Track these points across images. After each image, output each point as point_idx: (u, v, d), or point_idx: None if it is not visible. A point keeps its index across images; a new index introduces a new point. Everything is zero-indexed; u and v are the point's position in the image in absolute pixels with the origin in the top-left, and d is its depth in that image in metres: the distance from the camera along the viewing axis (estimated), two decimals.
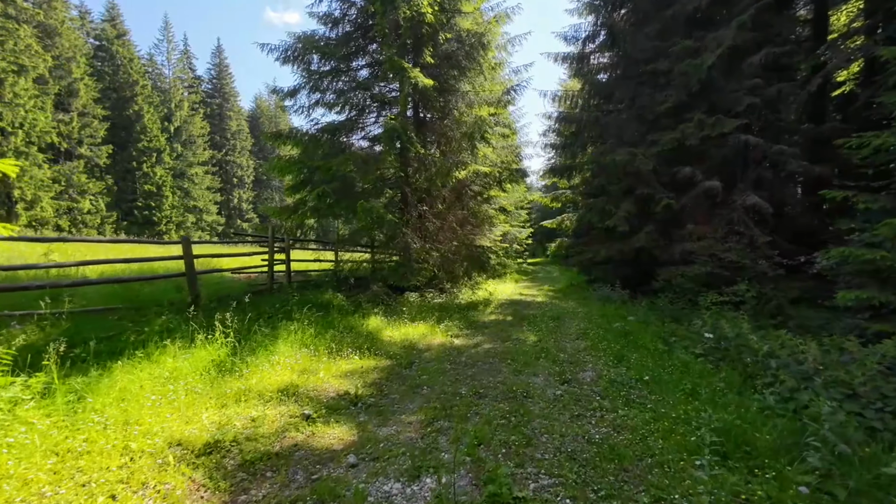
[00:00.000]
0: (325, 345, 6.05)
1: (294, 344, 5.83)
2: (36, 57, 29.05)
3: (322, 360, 5.51)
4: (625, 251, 13.18)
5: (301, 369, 5.13)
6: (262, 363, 5.08)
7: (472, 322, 8.81)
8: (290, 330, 6.18)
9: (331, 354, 5.78)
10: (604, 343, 6.83)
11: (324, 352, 5.77)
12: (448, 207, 11.91)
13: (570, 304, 11.57)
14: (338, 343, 6.20)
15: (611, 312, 9.54)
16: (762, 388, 4.35)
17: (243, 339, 5.58)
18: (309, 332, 6.36)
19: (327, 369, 5.23)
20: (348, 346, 6.12)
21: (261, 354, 5.27)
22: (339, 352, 5.88)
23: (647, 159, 12.29)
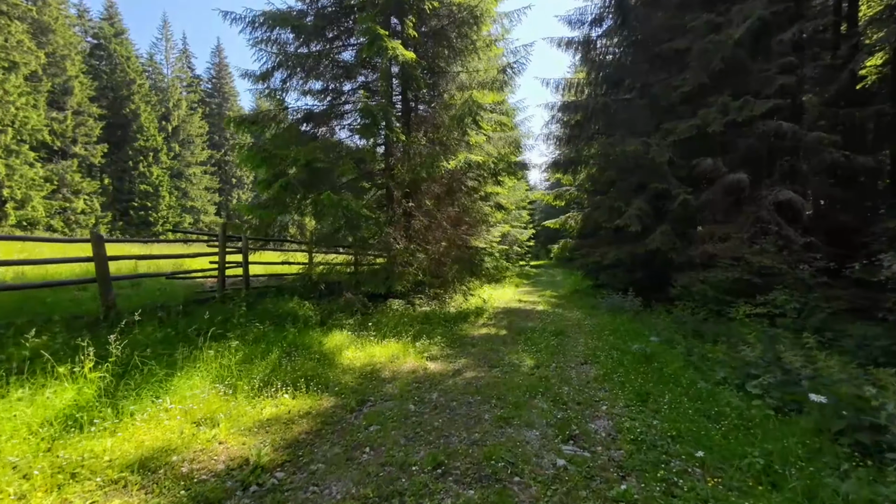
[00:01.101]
0: (255, 375, 4.50)
1: (208, 376, 4.29)
2: (28, 53, 27.91)
3: (238, 401, 3.95)
4: (636, 254, 11.53)
5: (199, 417, 3.58)
6: (146, 408, 3.54)
7: (457, 338, 7.22)
8: (208, 356, 4.63)
9: (255, 391, 4.22)
10: (620, 371, 5.21)
11: (246, 387, 4.21)
12: (438, 204, 10.35)
13: (575, 313, 9.93)
14: (273, 373, 4.65)
15: (624, 326, 7.91)
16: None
17: (133, 370, 4.04)
18: (237, 357, 4.81)
19: (236, 417, 3.67)
20: (286, 377, 4.56)
21: (148, 395, 3.73)
22: (267, 386, 4.32)
23: (662, 150, 10.65)
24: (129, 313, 5.87)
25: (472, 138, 9.06)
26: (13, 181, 26.90)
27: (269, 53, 9.97)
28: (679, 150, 11.03)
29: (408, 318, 8.33)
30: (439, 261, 9.89)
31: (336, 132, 10.49)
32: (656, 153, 10.48)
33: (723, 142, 10.72)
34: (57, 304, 6.01)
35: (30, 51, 28.07)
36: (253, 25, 9.77)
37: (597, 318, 9.11)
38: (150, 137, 34.06)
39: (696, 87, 10.81)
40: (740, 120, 9.60)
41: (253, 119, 9.05)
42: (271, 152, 8.74)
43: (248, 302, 7.43)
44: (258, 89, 10.27)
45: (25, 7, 28.52)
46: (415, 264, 9.00)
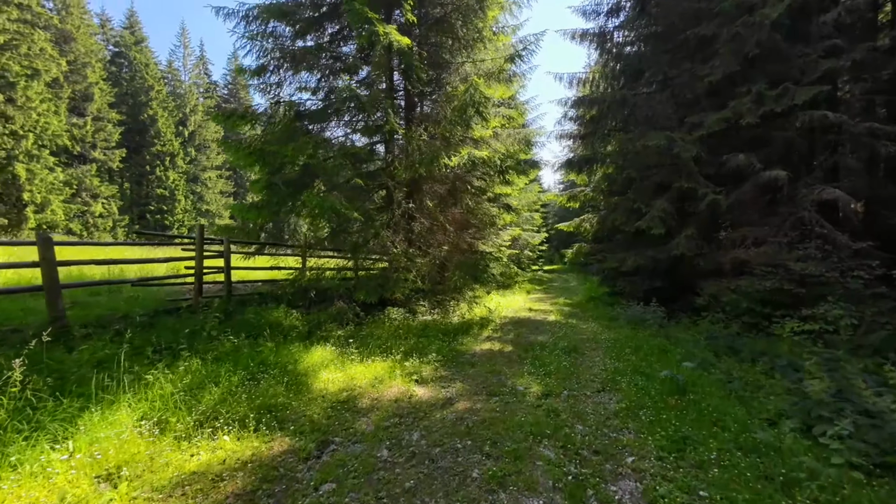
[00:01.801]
0: (202, 406, 3.67)
1: (140, 408, 3.47)
2: (50, 61, 28.22)
3: (163, 445, 3.11)
4: (658, 259, 10.42)
5: (105, 470, 2.74)
6: (37, 457, 2.72)
7: (455, 355, 6.28)
8: (150, 380, 3.81)
9: (193, 428, 3.38)
10: (646, 404, 4.20)
11: (180, 424, 3.37)
12: (441, 205, 9.45)
13: (590, 325, 8.88)
14: (224, 403, 3.80)
15: (647, 342, 6.84)
16: None
17: (42, 403, 3.24)
18: (184, 382, 3.99)
19: (152, 470, 2.82)
20: (239, 408, 3.71)
21: (47, 438, 2.93)
22: (211, 421, 3.48)
23: (688, 145, 9.54)
24: (83, 326, 5.15)
25: (477, 132, 8.15)
26: (34, 185, 27.13)
27: (264, 48, 9.29)
28: (707, 146, 9.91)
29: (404, 329, 7.44)
30: (442, 266, 8.98)
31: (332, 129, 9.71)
32: (681, 149, 9.38)
33: (756, 136, 9.56)
34: (5, 314, 5.32)
35: (52, 58, 28.39)
36: (247, 20, 9.10)
37: (615, 331, 8.05)
38: (167, 142, 34.20)
39: (724, 77, 9.69)
40: (778, 110, 8.46)
41: (242, 114, 8.32)
42: (264, 150, 8.01)
43: (226, 311, 6.66)
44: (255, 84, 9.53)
45: (48, 16, 28.91)
46: (413, 270, 8.11)
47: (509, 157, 8.72)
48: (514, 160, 9.11)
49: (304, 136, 8.04)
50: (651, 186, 10.72)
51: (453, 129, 7.80)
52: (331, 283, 7.77)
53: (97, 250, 10.93)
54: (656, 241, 10.66)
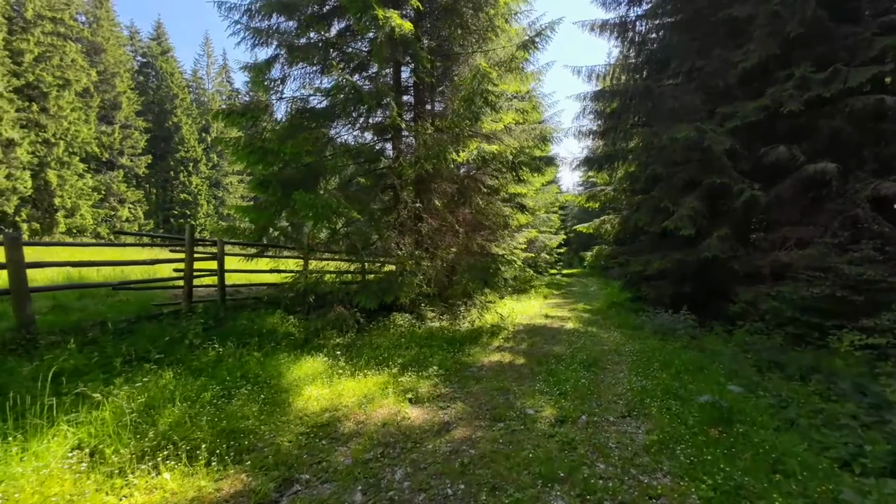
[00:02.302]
0: (157, 428, 3.12)
1: (78, 434, 2.94)
2: (81, 72, 29.08)
3: (91, 482, 2.55)
4: (686, 262, 9.49)
5: None
6: None
7: (460, 368, 5.60)
8: (97, 400, 3.28)
9: (134, 459, 2.82)
10: (685, 438, 3.43)
11: (114, 457, 2.81)
12: (450, 205, 8.82)
13: (612, 335, 8.04)
14: (181, 426, 3.24)
15: (679, 356, 5.98)
16: None
17: None
18: (141, 401, 3.46)
19: None
20: (197, 433, 3.15)
21: None
22: (158, 451, 2.91)
23: (720, 137, 8.63)
24: (54, 332, 4.71)
25: (487, 125, 7.48)
26: (64, 191, 27.88)
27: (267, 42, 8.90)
28: (740, 139, 8.96)
29: (408, 337, 6.82)
30: (451, 269, 8.33)
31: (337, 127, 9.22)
32: (713, 141, 8.47)
33: (798, 126, 8.56)
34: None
35: (83, 69, 29.25)
36: (250, 14, 8.73)
37: (640, 342, 7.20)
38: (191, 148, 34.79)
39: (759, 64, 8.74)
40: (827, 95, 7.49)
41: (242, 111, 7.90)
42: (264, 148, 7.57)
43: (217, 317, 6.18)
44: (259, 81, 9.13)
45: (80, 29, 29.82)
46: (420, 274, 7.49)
47: (522, 153, 8.01)
48: (527, 156, 8.39)
49: (305, 132, 7.55)
50: (679, 184, 9.80)
51: (461, 122, 7.15)
52: (331, 286, 7.21)
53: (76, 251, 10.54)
54: (684, 242, 9.73)
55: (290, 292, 7.36)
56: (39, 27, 27.10)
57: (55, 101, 27.51)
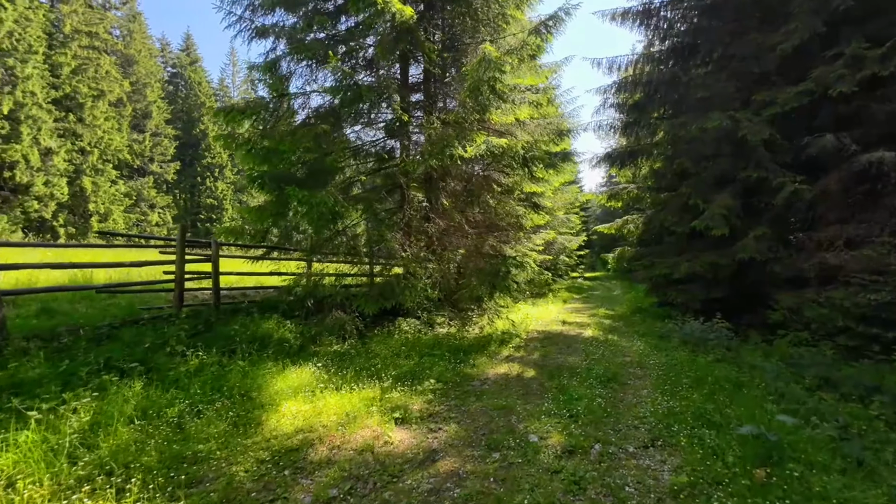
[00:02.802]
0: (94, 454, 2.71)
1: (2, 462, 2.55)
2: (114, 83, 30.15)
3: None
4: (719, 265, 8.61)
5: None
6: None
7: (461, 381, 5.03)
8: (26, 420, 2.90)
9: (46, 499, 2.40)
10: (724, 481, 2.73)
11: (31, 490, 2.40)
12: (458, 203, 8.28)
13: (635, 344, 7.27)
14: (123, 452, 2.82)
15: (713, 371, 5.20)
16: None
17: None
18: (86, 419, 3.06)
19: None
20: (139, 460, 2.72)
21: None
22: (85, 484, 2.49)
23: (757, 126, 7.75)
24: (28, 338, 4.43)
25: (495, 116, 6.90)
26: (98, 196, 28.88)
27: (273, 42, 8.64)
28: (779, 129, 8.05)
29: (409, 345, 6.31)
30: (459, 273, 7.77)
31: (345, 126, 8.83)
32: (749, 130, 7.61)
33: (846, 112, 7.59)
34: None
35: (116, 80, 30.32)
36: (252, 9, 8.48)
37: (667, 353, 6.42)
38: (217, 155, 35.59)
39: (801, 45, 7.82)
40: (884, 74, 6.55)
41: (242, 108, 7.60)
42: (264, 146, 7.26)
43: (207, 322, 5.83)
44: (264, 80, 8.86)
45: (114, 42, 30.99)
46: (424, 277, 6.97)
47: (533, 147, 7.37)
48: (540, 150, 7.75)
49: (304, 129, 7.19)
50: (709, 179, 8.93)
51: (467, 114, 6.61)
52: (330, 290, 6.79)
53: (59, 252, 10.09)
54: (717, 243, 8.86)
55: (290, 296, 6.98)
56: (76, 41, 28.25)
57: (90, 112, 28.57)
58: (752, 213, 8.47)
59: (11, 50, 24.30)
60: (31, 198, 25.25)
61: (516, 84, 8.43)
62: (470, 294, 7.09)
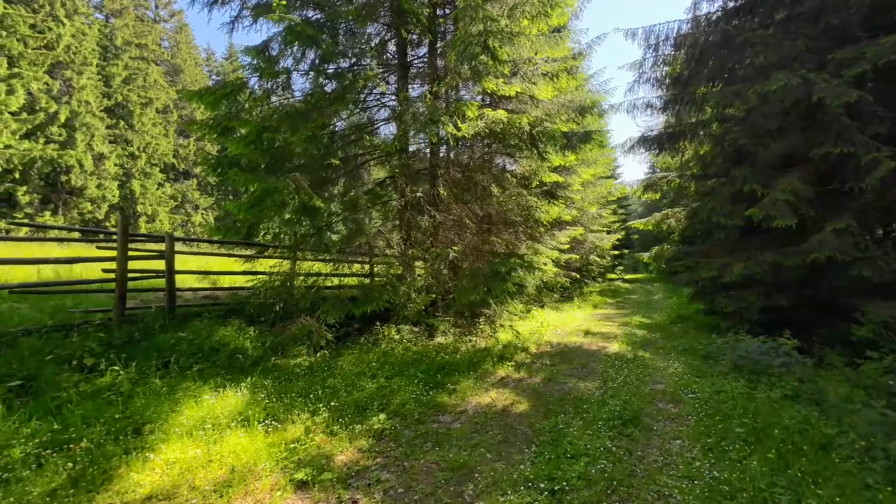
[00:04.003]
0: None
1: None
2: (161, 91, 31.44)
3: None
4: (783, 266, 6.78)
5: None
6: None
7: (426, 414, 3.80)
8: None
9: None
10: None
11: None
12: (458, 194, 7.05)
13: (672, 366, 5.69)
14: None
15: (778, 413, 3.63)
16: None
17: None
18: None
19: None
20: None
21: None
22: None
23: (838, 87, 5.92)
24: None
25: (490, 84, 5.58)
26: (145, 199, 30.19)
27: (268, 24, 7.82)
28: (867, 92, 6.13)
29: (388, 359, 5.19)
30: (454, 273, 6.54)
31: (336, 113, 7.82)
32: (828, 93, 5.79)
33: None
34: None
35: (163, 88, 31.63)
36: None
37: (713, 380, 4.84)
38: None
39: None
40: None
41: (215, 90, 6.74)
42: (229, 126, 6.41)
43: (150, 328, 5.00)
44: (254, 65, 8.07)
45: (161, 52, 32.36)
46: (409, 279, 5.82)
47: (542, 123, 5.97)
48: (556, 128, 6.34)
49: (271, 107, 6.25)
50: (771, 159, 7.10)
51: (458, 81, 5.37)
52: (299, 292, 5.80)
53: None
54: (780, 238, 7.05)
55: (258, 298, 6.07)
56: (127, 52, 29.65)
57: (139, 118, 29.92)
58: (829, 200, 6.59)
59: (69, 63, 25.69)
60: (86, 200, 26.60)
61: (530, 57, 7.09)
62: (461, 299, 5.84)
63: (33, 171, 23.92)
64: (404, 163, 6.39)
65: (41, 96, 24.19)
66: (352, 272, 6.39)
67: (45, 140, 24.00)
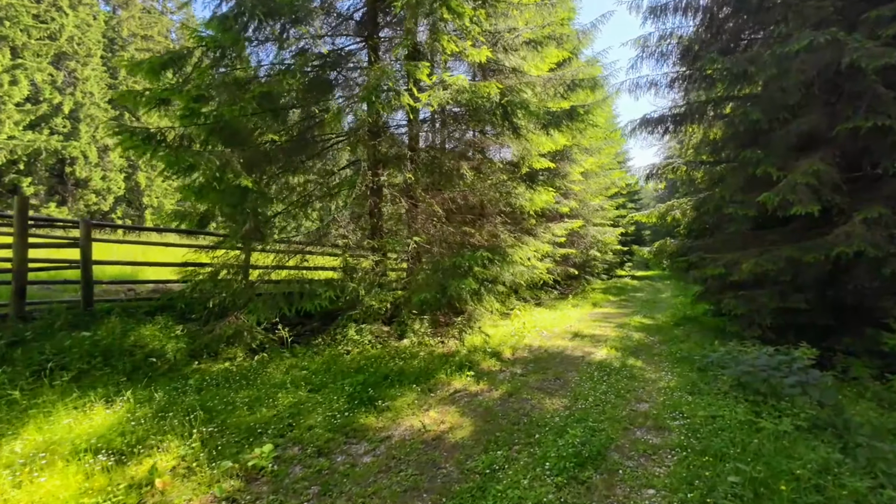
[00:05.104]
0: None
1: None
2: None
3: None
4: (801, 262, 5.74)
5: None
6: None
7: (330, 447, 3.02)
8: None
9: None
10: None
11: None
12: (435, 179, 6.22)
13: (663, 379, 4.77)
14: None
15: (788, 455, 2.73)
16: None
17: None
18: None
19: None
20: None
21: None
22: None
23: (872, 49, 4.86)
24: None
25: (451, 45, 4.67)
26: (151, 191, 30.14)
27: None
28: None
29: (328, 365, 4.45)
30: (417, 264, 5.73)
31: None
32: (862, 54, 4.74)
33: None
34: None
35: None
36: None
37: (709, 400, 3.92)
38: None
39: None
40: None
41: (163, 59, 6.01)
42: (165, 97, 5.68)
43: (47, 328, 4.34)
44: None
45: (169, 44, 32.09)
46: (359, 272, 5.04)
47: (513, 92, 5.06)
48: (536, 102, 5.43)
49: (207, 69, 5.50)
50: (790, 138, 6.03)
51: (411, 40, 4.52)
52: (227, 286, 5.08)
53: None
54: (799, 231, 6.03)
55: (196, 293, 5.38)
56: (133, 44, 29.47)
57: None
58: (858, 186, 5.55)
59: (73, 53, 25.55)
60: (90, 191, 26.59)
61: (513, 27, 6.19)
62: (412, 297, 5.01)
63: (38, 162, 23.93)
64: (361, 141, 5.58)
65: (45, 87, 24.12)
66: (293, 265, 5.64)
67: (50, 131, 23.96)
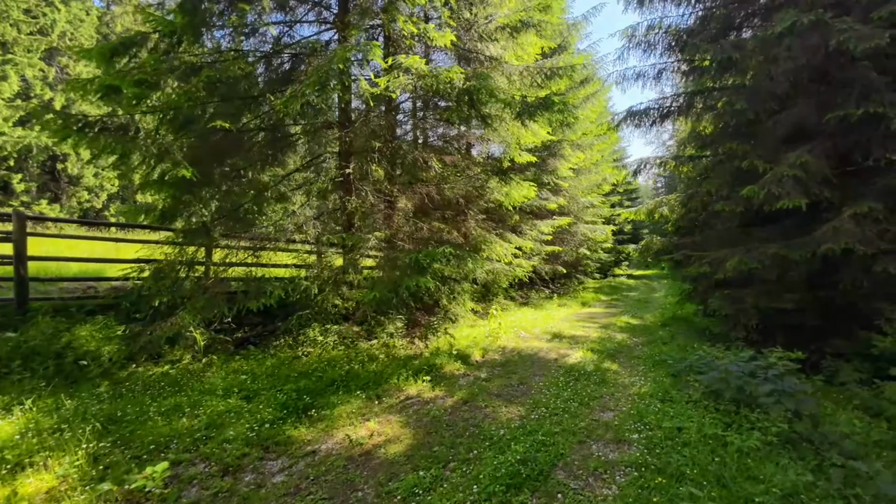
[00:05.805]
0: None
1: None
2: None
3: None
4: (791, 260, 5.40)
5: None
6: None
7: (255, 456, 2.72)
8: None
9: None
10: None
11: None
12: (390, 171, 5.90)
13: (635, 385, 4.43)
14: None
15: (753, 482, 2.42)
16: None
17: None
18: None
19: None
20: None
21: None
22: None
23: (864, 30, 4.51)
24: None
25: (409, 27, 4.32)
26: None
27: None
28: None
29: (277, 369, 4.15)
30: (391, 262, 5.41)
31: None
32: (851, 35, 4.39)
33: None
34: None
35: None
36: None
37: (676, 412, 3.59)
38: None
39: None
40: None
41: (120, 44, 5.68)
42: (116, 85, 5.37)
43: None
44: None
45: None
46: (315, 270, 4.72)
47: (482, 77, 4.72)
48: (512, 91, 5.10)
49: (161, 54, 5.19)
50: (778, 130, 5.68)
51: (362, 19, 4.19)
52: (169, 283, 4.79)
53: None
54: (789, 229, 5.68)
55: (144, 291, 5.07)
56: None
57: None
58: (849, 180, 5.19)
59: (65, 49, 25.32)
60: (83, 189, 26.41)
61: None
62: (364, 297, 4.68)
63: (29, 159, 23.72)
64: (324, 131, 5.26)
65: (36, 83, 23.91)
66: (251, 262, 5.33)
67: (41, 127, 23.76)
